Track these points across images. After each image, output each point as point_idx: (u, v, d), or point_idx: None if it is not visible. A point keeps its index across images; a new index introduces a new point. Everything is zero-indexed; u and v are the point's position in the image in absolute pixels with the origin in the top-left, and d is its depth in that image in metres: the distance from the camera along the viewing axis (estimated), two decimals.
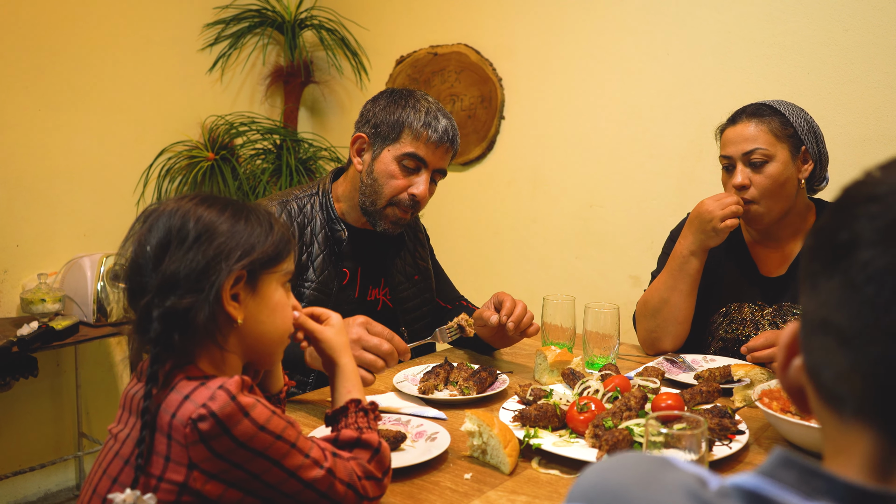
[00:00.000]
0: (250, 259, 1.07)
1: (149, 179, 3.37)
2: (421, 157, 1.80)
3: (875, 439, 0.53)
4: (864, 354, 0.52)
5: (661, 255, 2.09)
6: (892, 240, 0.51)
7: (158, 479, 0.99)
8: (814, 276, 0.57)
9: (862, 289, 0.52)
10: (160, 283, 1.02)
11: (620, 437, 1.27)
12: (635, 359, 1.94)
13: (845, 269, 0.53)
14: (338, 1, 3.85)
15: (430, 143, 1.80)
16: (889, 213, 0.52)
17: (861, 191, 0.56)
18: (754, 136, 1.80)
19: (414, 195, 1.82)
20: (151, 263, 1.04)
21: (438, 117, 1.81)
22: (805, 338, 0.58)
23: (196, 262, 1.03)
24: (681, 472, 0.58)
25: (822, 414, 0.58)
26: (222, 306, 1.05)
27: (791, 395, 0.62)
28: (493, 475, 1.27)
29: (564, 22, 3.13)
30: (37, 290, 2.86)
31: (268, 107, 3.90)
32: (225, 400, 0.97)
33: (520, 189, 3.33)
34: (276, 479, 1.01)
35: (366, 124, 1.86)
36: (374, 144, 1.83)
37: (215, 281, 1.03)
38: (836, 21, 2.51)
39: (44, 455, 3.09)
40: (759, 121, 1.81)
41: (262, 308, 1.12)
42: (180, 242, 1.04)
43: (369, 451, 1.11)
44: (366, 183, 1.84)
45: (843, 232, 0.54)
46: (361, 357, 1.48)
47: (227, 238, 1.06)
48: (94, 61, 3.17)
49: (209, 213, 1.07)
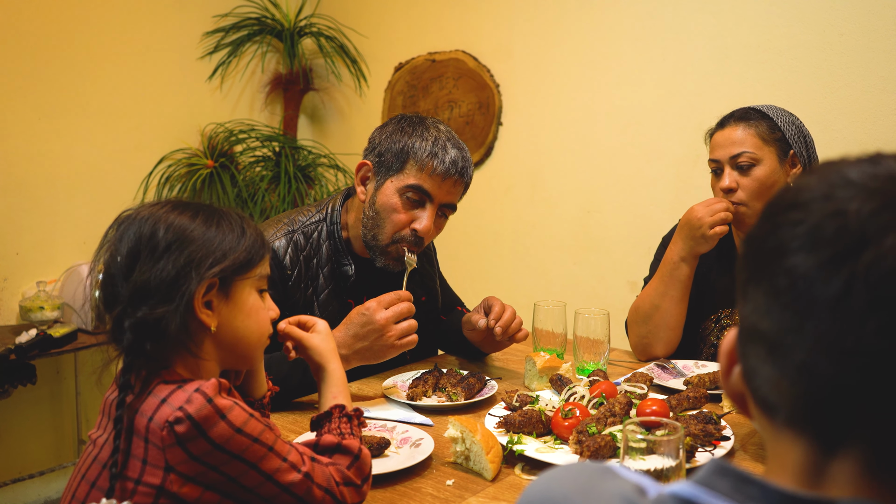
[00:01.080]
0: (221, 266, 1.07)
1: (148, 187, 3.39)
2: (425, 191, 1.69)
3: (805, 446, 0.54)
4: (790, 361, 0.52)
5: (653, 261, 2.09)
6: (814, 245, 0.52)
7: (136, 482, 0.99)
8: (745, 283, 0.57)
9: (785, 295, 0.52)
10: (131, 293, 1.02)
11: (602, 444, 1.26)
12: (627, 365, 1.94)
13: (771, 276, 0.54)
14: (337, 8, 3.87)
15: (436, 175, 1.68)
16: (810, 219, 0.52)
17: (785, 198, 0.56)
18: (741, 140, 1.80)
19: (416, 230, 1.71)
20: (122, 273, 1.04)
21: (447, 147, 1.69)
22: (741, 345, 0.59)
23: (167, 271, 1.03)
24: (621, 480, 0.59)
25: (760, 421, 0.58)
26: (194, 314, 1.05)
27: (734, 401, 0.62)
28: (476, 481, 1.27)
29: (561, 28, 3.13)
30: (35, 298, 2.88)
31: (267, 114, 3.91)
32: (201, 402, 0.97)
33: (518, 195, 3.33)
34: (253, 481, 1.01)
35: (371, 151, 1.76)
36: (378, 173, 1.73)
37: (186, 290, 1.03)
38: (831, 25, 2.50)
39: (43, 462, 3.10)
40: (747, 125, 1.81)
41: (236, 314, 1.11)
42: (151, 252, 1.04)
43: (349, 456, 1.11)
44: (368, 215, 1.74)
45: (770, 239, 0.55)
46: (399, 330, 1.56)
47: (197, 246, 1.06)
48: (95, 69, 3.19)
49: (180, 220, 1.07)
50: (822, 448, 0.52)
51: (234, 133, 3.62)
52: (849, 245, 0.50)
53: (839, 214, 0.51)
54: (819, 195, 0.53)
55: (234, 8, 3.66)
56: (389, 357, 1.60)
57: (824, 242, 0.51)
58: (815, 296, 0.51)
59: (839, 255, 0.50)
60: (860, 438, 0.51)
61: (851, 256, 0.50)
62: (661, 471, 1.03)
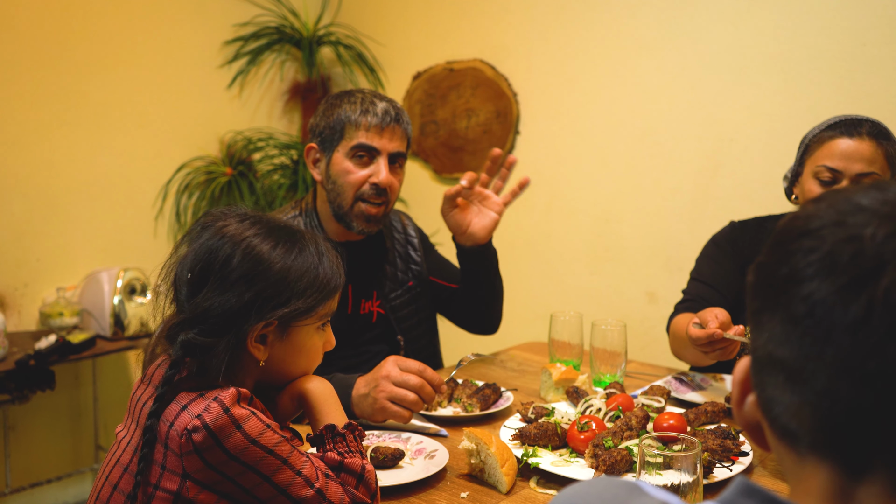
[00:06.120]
0: (284, 311, 1.07)
1: (167, 194, 3.41)
2: (369, 146, 1.76)
3: (830, 472, 0.53)
4: (810, 388, 0.52)
5: (699, 258, 2.01)
6: (829, 272, 0.52)
7: (154, 486, 1.01)
8: (758, 312, 0.57)
9: (803, 322, 0.52)
10: (192, 312, 1.05)
11: (619, 458, 1.25)
12: (644, 377, 1.92)
13: (786, 304, 0.54)
14: (355, 17, 3.88)
15: (373, 127, 1.75)
16: (824, 246, 0.53)
17: (796, 226, 0.56)
18: (872, 159, 1.66)
19: (376, 184, 1.77)
20: (188, 290, 1.06)
21: (375, 102, 1.77)
22: (756, 374, 0.58)
23: (230, 304, 1.04)
24: (648, 498, 0.58)
25: (779, 449, 0.57)
26: (245, 346, 1.06)
27: (748, 431, 0.62)
28: (490, 494, 1.26)
29: (580, 38, 3.13)
30: (55, 304, 2.90)
31: (286, 122, 3.93)
32: (218, 412, 0.98)
33: (534, 204, 3.32)
34: (267, 494, 1.01)
35: (312, 135, 1.84)
36: (325, 150, 1.81)
37: (242, 326, 1.04)
38: (853, 35, 2.47)
39: (61, 467, 3.12)
40: (879, 144, 1.67)
41: (289, 351, 1.13)
42: (221, 280, 1.05)
43: (354, 476, 1.10)
44: (328, 189, 1.81)
45: (783, 268, 0.55)
46: (392, 392, 1.45)
47: (267, 285, 1.06)
48: (115, 78, 3.22)
49: (259, 249, 1.07)
50: (847, 472, 0.52)
51: (253, 141, 3.64)
52: (866, 270, 0.50)
53: (854, 240, 0.52)
54: (830, 222, 0.54)
55: (254, 17, 3.68)
56: (379, 419, 1.49)
57: (840, 268, 0.51)
58: (835, 321, 0.51)
59: (856, 280, 0.50)
60: (886, 462, 0.50)
61: (869, 281, 0.50)
62: (677, 486, 1.02)
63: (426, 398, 1.47)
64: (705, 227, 2.48)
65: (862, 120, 1.72)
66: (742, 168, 2.74)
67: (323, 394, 1.18)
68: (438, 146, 3.58)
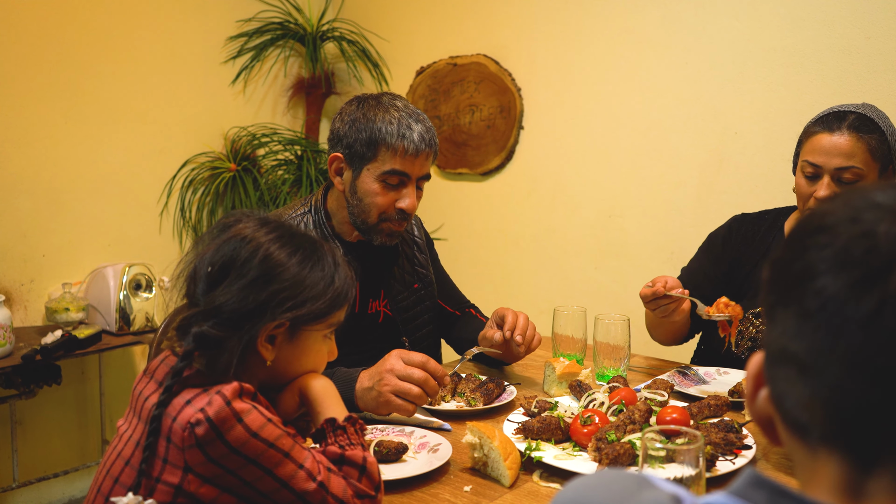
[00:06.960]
0: (296, 313, 1.10)
1: (172, 190, 3.42)
2: (403, 172, 1.74)
3: (841, 464, 0.54)
4: (822, 382, 0.53)
5: (697, 253, 2.06)
6: (842, 267, 0.52)
7: (156, 479, 1.02)
8: (772, 307, 0.58)
9: (815, 316, 0.53)
10: (207, 305, 1.07)
11: (622, 451, 1.26)
12: (647, 371, 1.92)
13: (799, 299, 0.54)
14: (359, 13, 3.88)
15: (409, 155, 1.72)
16: (837, 242, 0.53)
17: (812, 222, 0.57)
18: (851, 153, 1.67)
19: (402, 209, 1.77)
20: (206, 284, 1.09)
21: (412, 125, 1.73)
22: (769, 368, 0.59)
23: (245, 302, 1.07)
24: (657, 490, 0.59)
25: (791, 442, 0.58)
26: (255, 345, 1.09)
27: (761, 425, 0.62)
28: (493, 488, 1.26)
29: (583, 32, 3.12)
30: (61, 300, 2.92)
31: (290, 118, 3.93)
32: (220, 405, 0.99)
33: (539, 199, 3.32)
34: (269, 487, 1.02)
35: (338, 144, 1.79)
36: (352, 163, 1.77)
37: (255, 324, 1.07)
38: (857, 28, 2.47)
39: (68, 461, 3.14)
40: (860, 137, 1.68)
41: (295, 353, 1.16)
42: (238, 277, 1.08)
43: (356, 469, 1.10)
44: (352, 203, 1.79)
45: (797, 263, 0.56)
46: (396, 386, 1.45)
47: (282, 287, 1.09)
48: (120, 74, 3.23)
49: (278, 254, 1.10)
50: (857, 465, 0.53)
51: (257, 137, 3.65)
52: (879, 265, 0.51)
53: (867, 236, 0.52)
54: (845, 218, 0.54)
55: (258, 13, 3.69)
56: (383, 413, 1.50)
57: (854, 263, 0.52)
58: (847, 316, 0.51)
59: (869, 275, 0.51)
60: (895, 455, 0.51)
61: (882, 276, 0.51)
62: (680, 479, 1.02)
63: (430, 392, 1.47)
64: (709, 221, 2.48)
65: (847, 112, 1.73)
66: (746, 162, 2.73)
67: (323, 389, 1.20)
68: (442, 141, 3.58)
